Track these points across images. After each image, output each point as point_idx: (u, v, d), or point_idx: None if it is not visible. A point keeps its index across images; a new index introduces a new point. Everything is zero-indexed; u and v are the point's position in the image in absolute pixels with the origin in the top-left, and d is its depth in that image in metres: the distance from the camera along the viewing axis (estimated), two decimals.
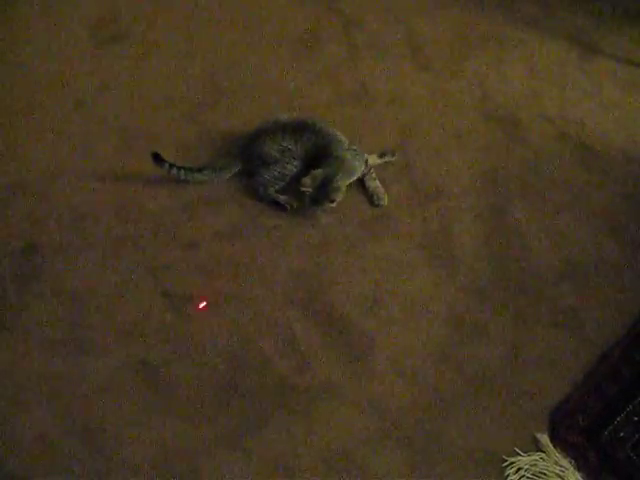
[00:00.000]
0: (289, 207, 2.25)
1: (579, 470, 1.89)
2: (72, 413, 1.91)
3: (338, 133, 2.30)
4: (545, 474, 1.89)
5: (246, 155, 2.31)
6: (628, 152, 2.49)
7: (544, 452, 1.91)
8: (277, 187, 2.27)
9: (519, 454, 1.90)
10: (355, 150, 2.28)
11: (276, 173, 2.26)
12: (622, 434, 1.93)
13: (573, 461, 1.89)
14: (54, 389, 1.94)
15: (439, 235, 2.25)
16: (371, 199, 2.30)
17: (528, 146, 2.47)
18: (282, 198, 2.26)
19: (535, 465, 1.89)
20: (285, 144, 2.25)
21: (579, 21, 2.89)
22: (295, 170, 2.27)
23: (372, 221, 2.26)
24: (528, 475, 1.88)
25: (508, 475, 1.88)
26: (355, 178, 2.28)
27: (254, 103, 2.51)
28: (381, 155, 2.36)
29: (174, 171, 2.24)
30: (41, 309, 2.07)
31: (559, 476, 1.88)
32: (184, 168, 2.25)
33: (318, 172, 2.18)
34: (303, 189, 2.18)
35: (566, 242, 2.28)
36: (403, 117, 2.51)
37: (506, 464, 1.89)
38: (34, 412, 1.91)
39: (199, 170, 2.28)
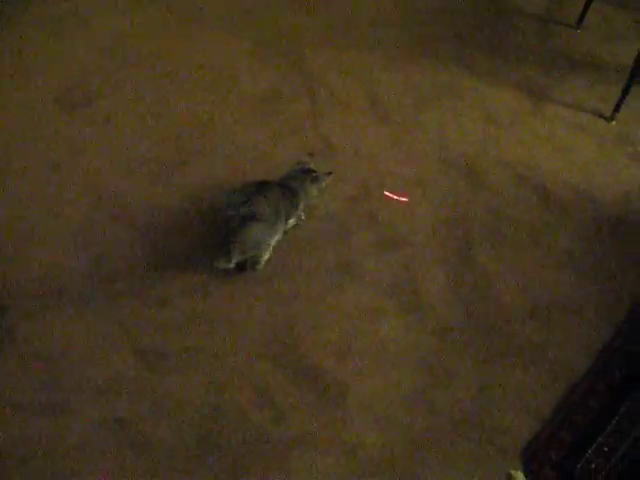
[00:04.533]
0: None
1: None
2: (49, 476, 1.91)
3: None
4: None
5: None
6: (583, 192, 2.59)
7: None
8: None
9: None
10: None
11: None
12: (594, 465, 1.96)
13: None
14: (30, 452, 1.94)
15: (406, 282, 2.31)
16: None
17: (488, 191, 2.56)
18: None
19: None
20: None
21: (530, 71, 3.02)
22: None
23: (339, 271, 2.31)
24: None
25: None
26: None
27: (221, 162, 2.57)
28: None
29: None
30: (14, 371, 2.07)
31: None
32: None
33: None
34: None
35: (531, 282, 2.35)
36: (366, 169, 2.58)
37: None
38: (9, 477, 1.91)
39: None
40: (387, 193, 2.48)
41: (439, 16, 3.21)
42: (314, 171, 2.27)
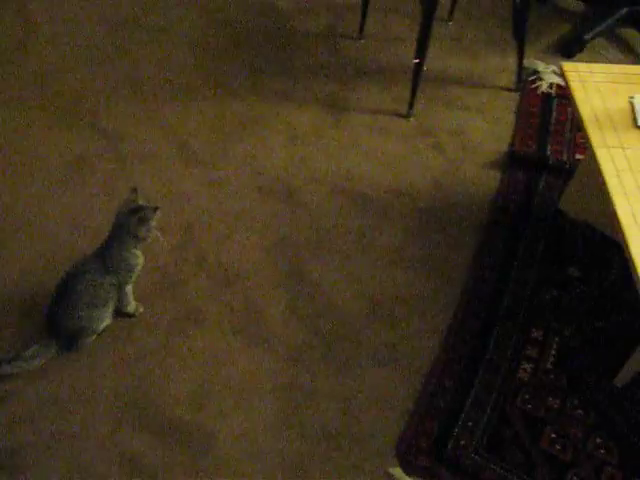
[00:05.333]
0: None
1: None
2: None
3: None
4: None
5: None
6: (395, 188, 2.72)
7: None
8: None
9: None
10: None
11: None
12: (463, 442, 2.04)
13: None
14: None
15: (247, 315, 2.31)
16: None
17: (308, 209, 2.62)
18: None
19: None
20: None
21: (326, 86, 3.14)
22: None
23: (180, 321, 2.29)
24: None
25: None
26: None
27: (38, 242, 2.47)
28: None
29: None
30: None
31: None
32: None
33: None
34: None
35: (367, 286, 2.42)
36: (185, 215, 2.58)
37: None
38: None
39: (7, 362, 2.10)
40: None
41: (231, 51, 3.29)
42: (142, 208, 2.10)
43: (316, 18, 3.53)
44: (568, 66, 2.33)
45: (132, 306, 2.25)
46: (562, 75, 2.32)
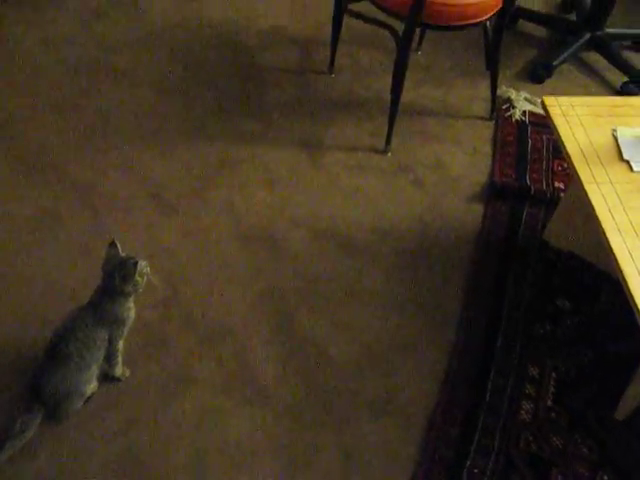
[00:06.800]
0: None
1: None
2: None
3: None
4: None
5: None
6: (379, 229, 2.67)
7: None
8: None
9: None
10: None
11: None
12: None
13: None
14: None
15: (239, 371, 2.23)
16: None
17: (290, 255, 2.56)
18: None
19: None
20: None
21: (299, 124, 3.08)
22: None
23: (170, 382, 2.19)
24: None
25: None
26: None
27: (9, 304, 2.35)
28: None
29: None
30: None
31: None
32: None
33: None
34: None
35: (356, 332, 2.35)
36: (166, 267, 2.48)
37: None
38: None
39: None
40: None
41: (200, 92, 3.21)
42: (124, 265, 2.01)
43: (285, 54, 3.48)
44: (549, 100, 2.31)
45: (119, 368, 2.15)
46: (544, 109, 2.31)
